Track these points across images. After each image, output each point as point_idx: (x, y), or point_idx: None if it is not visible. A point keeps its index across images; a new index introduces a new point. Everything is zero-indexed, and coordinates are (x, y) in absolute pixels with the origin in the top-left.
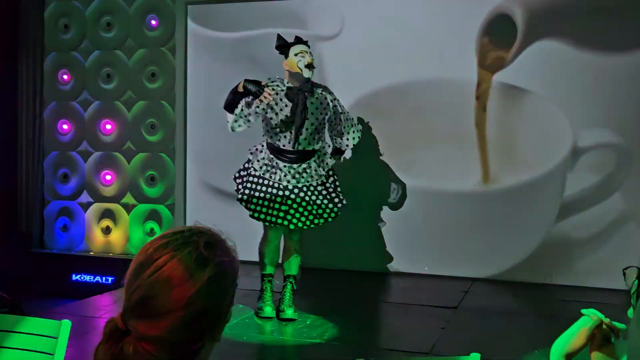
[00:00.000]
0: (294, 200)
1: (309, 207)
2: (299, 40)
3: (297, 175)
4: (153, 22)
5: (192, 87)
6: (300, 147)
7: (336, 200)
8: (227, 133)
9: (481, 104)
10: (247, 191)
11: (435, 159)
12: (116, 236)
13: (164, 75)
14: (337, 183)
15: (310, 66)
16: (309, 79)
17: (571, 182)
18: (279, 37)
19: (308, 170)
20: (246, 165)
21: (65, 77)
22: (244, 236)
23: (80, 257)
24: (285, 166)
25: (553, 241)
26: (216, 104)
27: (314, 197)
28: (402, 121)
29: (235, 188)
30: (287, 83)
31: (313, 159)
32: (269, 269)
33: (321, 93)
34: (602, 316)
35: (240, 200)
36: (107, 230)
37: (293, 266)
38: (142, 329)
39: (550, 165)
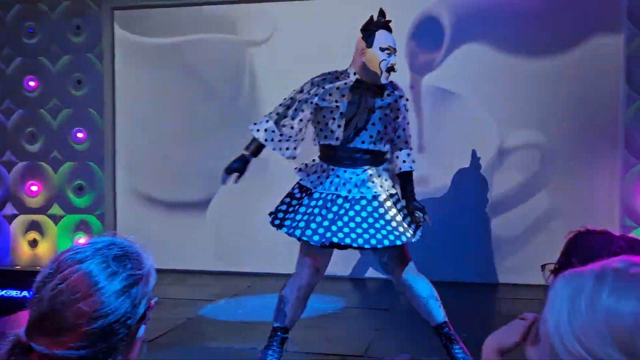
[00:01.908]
0: (357, 213)
1: (377, 221)
2: (387, 23)
3: (359, 184)
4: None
5: (120, 94)
6: (362, 145)
7: (404, 225)
8: (158, 140)
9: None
10: (290, 210)
11: None
12: (44, 249)
13: (91, 82)
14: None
15: (391, 70)
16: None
17: (498, 181)
18: (371, 19)
19: (375, 180)
20: (290, 191)
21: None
22: (176, 245)
23: (5, 271)
24: (345, 171)
25: (482, 240)
26: (146, 111)
27: (382, 210)
28: None
29: (273, 222)
30: (356, 75)
31: (382, 166)
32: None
33: (391, 92)
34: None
35: (279, 226)
36: (33, 243)
37: (434, 308)
38: (46, 345)
39: (478, 165)
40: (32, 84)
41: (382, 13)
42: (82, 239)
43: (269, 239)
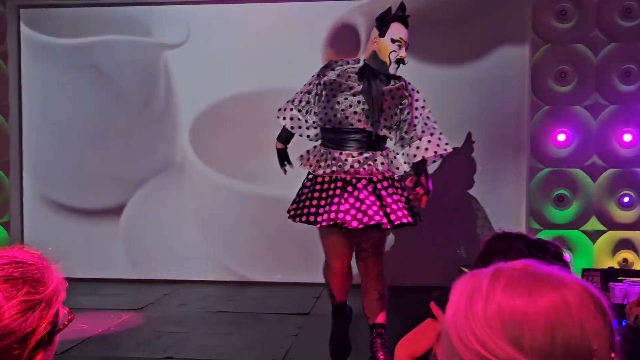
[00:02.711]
0: (357, 194)
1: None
2: (404, 17)
3: (358, 164)
4: None
5: (27, 96)
6: (361, 127)
7: (404, 211)
8: (68, 144)
9: None
10: (300, 203)
11: None
12: None
13: None
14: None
15: (401, 62)
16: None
17: None
18: (388, 10)
19: (371, 162)
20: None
21: None
22: (88, 253)
23: None
24: (341, 153)
25: (397, 244)
26: (55, 114)
27: (379, 192)
28: (251, 130)
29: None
30: (365, 61)
31: (380, 152)
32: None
33: (398, 86)
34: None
35: (294, 217)
36: None
37: (383, 307)
38: None
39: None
40: None
41: (402, 7)
42: None
43: (184, 245)
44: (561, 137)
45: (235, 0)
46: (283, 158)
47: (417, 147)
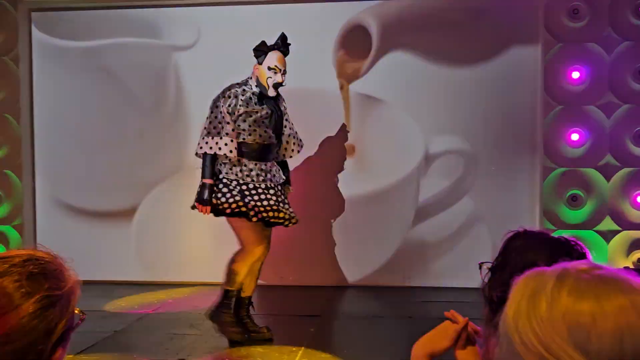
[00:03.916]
0: (277, 196)
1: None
2: (282, 43)
3: (273, 173)
4: None
5: (39, 99)
6: (271, 141)
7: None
8: (80, 147)
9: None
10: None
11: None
12: None
13: (7, 87)
14: None
15: (278, 86)
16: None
17: (424, 187)
18: (263, 42)
19: (278, 170)
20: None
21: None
22: (101, 256)
23: None
24: (256, 164)
25: (409, 245)
26: (66, 116)
27: (283, 197)
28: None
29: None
30: (256, 87)
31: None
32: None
33: (282, 102)
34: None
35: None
36: None
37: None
38: None
39: (405, 171)
40: None
41: (282, 37)
42: None
43: (196, 247)
44: (574, 137)
45: (245, 2)
46: (211, 193)
47: (291, 157)
